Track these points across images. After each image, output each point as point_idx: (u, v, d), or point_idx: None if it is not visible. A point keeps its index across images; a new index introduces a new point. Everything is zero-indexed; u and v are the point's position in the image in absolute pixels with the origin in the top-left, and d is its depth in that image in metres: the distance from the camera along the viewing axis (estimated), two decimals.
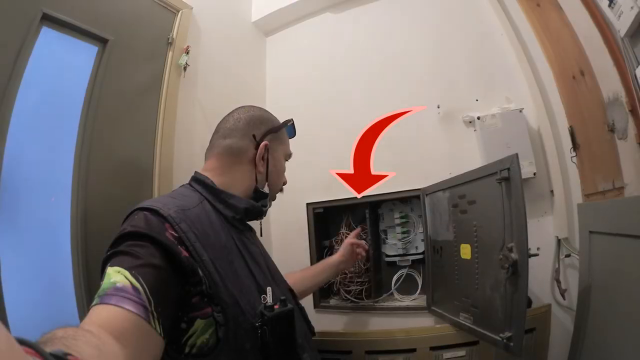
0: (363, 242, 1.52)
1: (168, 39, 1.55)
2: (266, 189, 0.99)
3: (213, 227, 0.82)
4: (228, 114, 1.05)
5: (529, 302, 1.24)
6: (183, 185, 0.97)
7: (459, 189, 1.34)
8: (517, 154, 1.05)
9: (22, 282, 1.07)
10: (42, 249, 1.15)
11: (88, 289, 1.18)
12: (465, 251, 1.29)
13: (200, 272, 0.72)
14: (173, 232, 0.72)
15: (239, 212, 0.91)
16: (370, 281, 1.69)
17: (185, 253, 0.70)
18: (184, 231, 0.73)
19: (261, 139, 0.98)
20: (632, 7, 0.91)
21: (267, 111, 1.07)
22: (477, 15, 1.66)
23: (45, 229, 1.17)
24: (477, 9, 1.66)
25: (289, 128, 1.11)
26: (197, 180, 0.94)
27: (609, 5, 1.01)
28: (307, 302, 1.75)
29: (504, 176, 1.09)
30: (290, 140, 1.13)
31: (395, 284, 1.71)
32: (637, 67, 0.97)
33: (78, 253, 1.19)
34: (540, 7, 1.38)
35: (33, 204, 1.14)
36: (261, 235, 1.09)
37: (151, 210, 0.74)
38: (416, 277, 1.68)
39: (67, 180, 1.22)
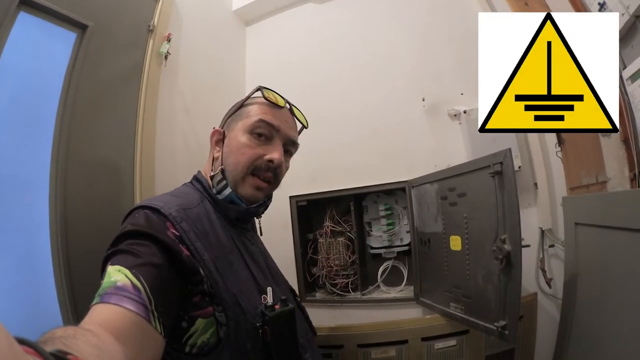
0: None
1: (149, 26, 1.48)
2: (215, 173, 0.90)
3: (213, 227, 0.82)
4: None
5: None
6: (185, 183, 0.96)
7: (448, 182, 1.37)
8: (510, 149, 1.09)
9: (1, 285, 1.01)
10: (21, 249, 1.09)
11: (70, 289, 1.13)
12: (455, 243, 1.32)
13: (201, 271, 0.71)
14: (174, 231, 0.71)
15: (235, 214, 0.90)
16: (356, 274, 1.71)
17: (186, 252, 0.70)
18: (184, 230, 0.73)
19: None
20: (622, 14, 0.97)
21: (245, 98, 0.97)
22: (463, 9, 1.69)
23: (23, 228, 1.10)
24: (463, 3, 1.69)
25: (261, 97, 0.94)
26: (197, 179, 0.94)
27: (600, 10, 1.06)
28: None
29: (496, 170, 1.12)
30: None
31: (381, 276, 1.74)
32: (624, 69, 1.02)
33: (59, 252, 1.13)
34: (528, 6, 1.41)
35: (8, 203, 1.07)
36: (261, 235, 1.07)
37: (152, 208, 0.73)
38: (401, 268, 1.71)
39: (45, 175, 1.16)
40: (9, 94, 1.08)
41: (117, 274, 0.59)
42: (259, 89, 0.93)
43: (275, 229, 1.86)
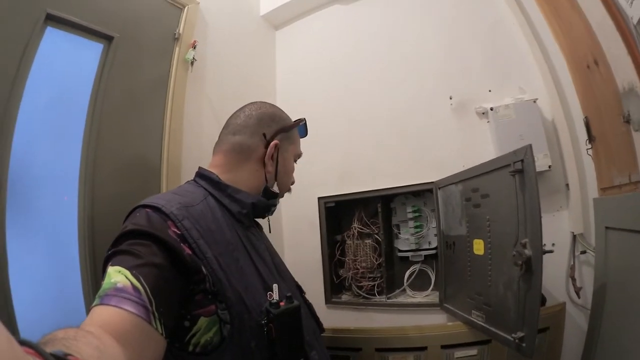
0: None
1: (174, 34, 1.54)
2: (276, 188, 0.97)
3: (217, 223, 0.80)
4: (239, 110, 1.02)
5: (543, 300, 1.21)
6: (188, 181, 0.96)
7: (472, 182, 1.31)
8: (530, 145, 1.02)
9: (30, 281, 1.08)
10: (50, 247, 1.16)
11: (96, 287, 1.17)
12: (479, 247, 1.26)
13: (203, 269, 0.70)
14: (176, 230, 0.70)
15: (246, 207, 0.89)
16: (383, 277, 1.68)
17: (188, 251, 0.69)
18: (186, 228, 0.71)
19: (271, 138, 0.95)
20: None
21: (279, 109, 1.04)
22: (488, 5, 1.62)
23: (52, 228, 1.17)
24: None
25: (301, 128, 1.07)
26: (202, 175, 0.92)
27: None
28: (318, 298, 1.76)
29: (517, 168, 1.05)
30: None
31: (407, 280, 1.69)
32: None
33: (85, 251, 1.20)
34: None
35: (40, 204, 1.14)
36: (270, 232, 1.07)
37: (153, 207, 0.72)
38: (429, 272, 1.66)
39: (74, 179, 1.22)
40: (40, 104, 1.15)
41: (117, 275, 0.59)
42: (305, 121, 1.07)
43: (303, 230, 1.88)
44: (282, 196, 1.04)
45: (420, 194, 1.73)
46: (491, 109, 1.48)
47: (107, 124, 1.30)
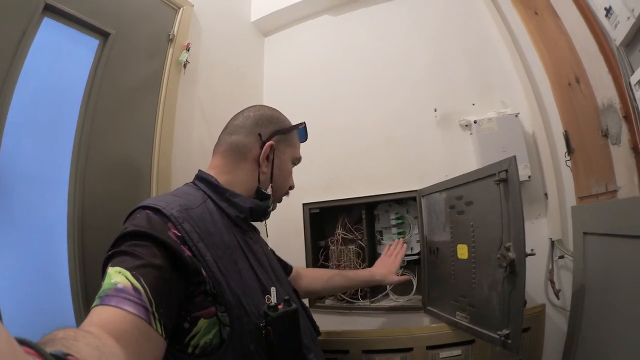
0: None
1: (169, 35, 1.55)
2: (269, 191, 0.97)
3: (216, 227, 0.81)
4: (239, 112, 1.03)
5: (524, 303, 1.27)
6: (187, 183, 0.96)
7: (456, 191, 1.36)
8: (515, 156, 1.08)
9: (16, 280, 1.05)
10: (38, 246, 1.14)
11: (84, 287, 1.16)
12: (462, 251, 1.31)
13: (203, 271, 0.71)
14: (176, 232, 0.71)
15: (244, 211, 0.90)
16: None
17: (188, 252, 0.70)
18: (186, 231, 0.72)
19: (267, 139, 0.96)
20: (628, 18, 0.95)
21: (278, 111, 1.05)
22: (475, 21, 1.70)
23: (41, 226, 1.15)
24: (475, 15, 1.70)
25: (300, 131, 1.08)
26: (201, 178, 0.93)
27: (606, 15, 1.05)
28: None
29: (502, 177, 1.11)
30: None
31: (390, 285, 1.72)
32: (631, 75, 1.01)
33: (75, 250, 1.18)
34: (537, 15, 1.42)
35: (29, 201, 1.12)
36: (267, 236, 1.09)
37: (154, 209, 0.73)
38: (411, 277, 1.69)
39: (65, 176, 1.20)
40: (33, 96, 1.13)
41: (117, 276, 0.59)
42: (304, 125, 1.09)
43: (287, 235, 1.89)
44: (280, 200, 1.06)
45: (404, 202, 1.77)
46: (475, 121, 1.55)
47: (100, 122, 1.28)
